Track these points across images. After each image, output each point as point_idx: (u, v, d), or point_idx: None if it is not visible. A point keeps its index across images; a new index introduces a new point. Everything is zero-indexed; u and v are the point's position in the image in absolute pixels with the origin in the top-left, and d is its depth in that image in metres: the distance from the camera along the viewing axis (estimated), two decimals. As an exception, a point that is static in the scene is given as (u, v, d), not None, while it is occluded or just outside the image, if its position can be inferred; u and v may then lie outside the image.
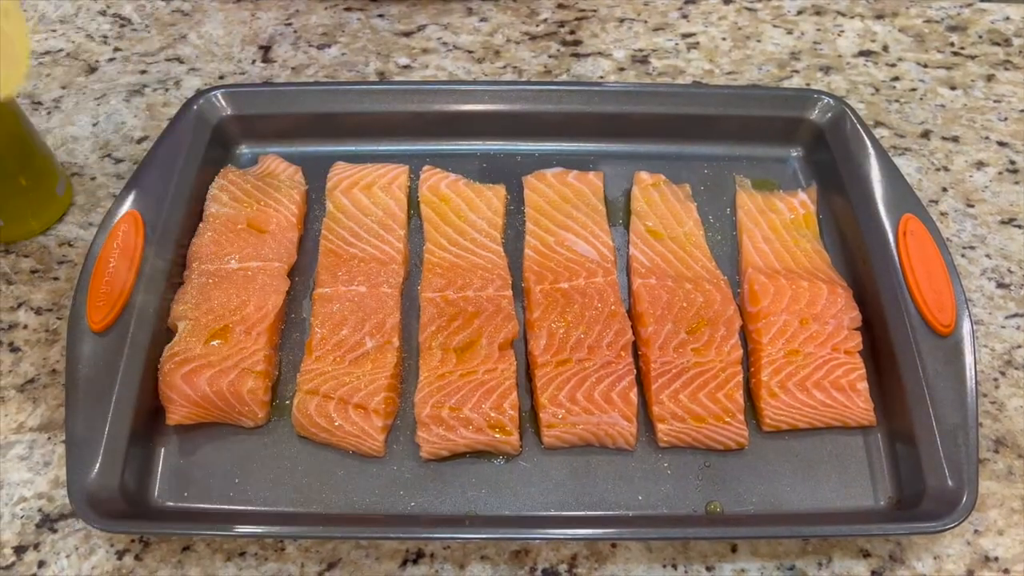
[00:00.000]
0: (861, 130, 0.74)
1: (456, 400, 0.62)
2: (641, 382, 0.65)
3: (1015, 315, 0.71)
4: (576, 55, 0.90)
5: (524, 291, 0.70)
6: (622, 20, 0.93)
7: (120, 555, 0.60)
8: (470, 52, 0.91)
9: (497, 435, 0.61)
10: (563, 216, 0.73)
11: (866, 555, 0.60)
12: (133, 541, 0.60)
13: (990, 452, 0.64)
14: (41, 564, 0.59)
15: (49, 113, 0.85)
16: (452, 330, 0.66)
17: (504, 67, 0.89)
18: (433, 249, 0.71)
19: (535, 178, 0.76)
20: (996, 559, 0.59)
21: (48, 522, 0.61)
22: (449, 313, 0.66)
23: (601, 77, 0.88)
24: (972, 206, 0.78)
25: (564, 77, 0.88)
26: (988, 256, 0.75)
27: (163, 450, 0.63)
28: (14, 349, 0.69)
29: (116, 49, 0.91)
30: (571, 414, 0.62)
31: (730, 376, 0.64)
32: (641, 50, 0.90)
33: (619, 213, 0.76)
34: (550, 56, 0.90)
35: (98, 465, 0.58)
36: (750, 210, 0.74)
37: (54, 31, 0.92)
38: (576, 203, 0.74)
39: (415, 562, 0.59)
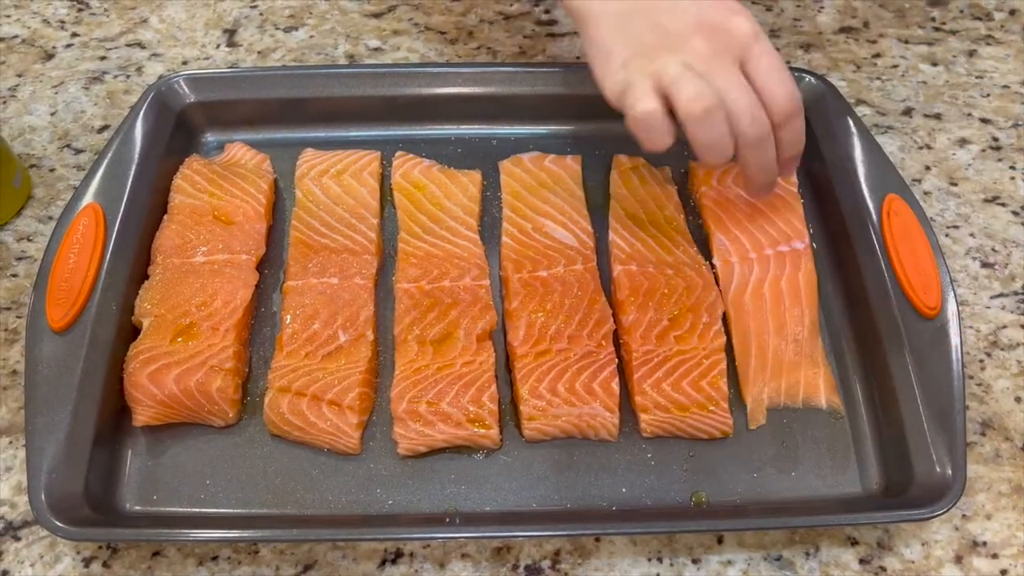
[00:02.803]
0: (844, 109, 0.72)
1: (433, 394, 0.60)
2: (623, 371, 0.64)
3: (1000, 295, 0.70)
4: (552, 35, 0.88)
5: (502, 280, 0.68)
6: (598, -2, 0.91)
7: (87, 563, 0.57)
8: (443, 33, 0.88)
9: (476, 429, 0.60)
10: (540, 202, 0.71)
11: (854, 543, 0.59)
12: (100, 548, 0.58)
13: (977, 435, 0.63)
14: (4, 573, 0.57)
15: (4, 102, 0.81)
16: (428, 322, 0.64)
17: (478, 48, 0.87)
18: (407, 238, 0.69)
19: (511, 163, 0.74)
20: (984, 544, 0.59)
21: (11, 530, 0.59)
22: (425, 304, 0.64)
23: (578, 57, 0.86)
24: (955, 184, 0.77)
25: (540, 58, 0.86)
26: (972, 235, 0.74)
27: (130, 452, 0.61)
28: (-28, 350, 0.66)
29: (74, 34, 0.88)
30: (552, 406, 0.60)
31: (714, 364, 0.62)
32: (618, 29, 0.88)
33: (598, 198, 0.74)
34: (525, 36, 0.88)
35: (61, 469, 0.56)
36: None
37: (8, 16, 0.89)
38: (554, 188, 0.72)
39: (394, 562, 0.58)
